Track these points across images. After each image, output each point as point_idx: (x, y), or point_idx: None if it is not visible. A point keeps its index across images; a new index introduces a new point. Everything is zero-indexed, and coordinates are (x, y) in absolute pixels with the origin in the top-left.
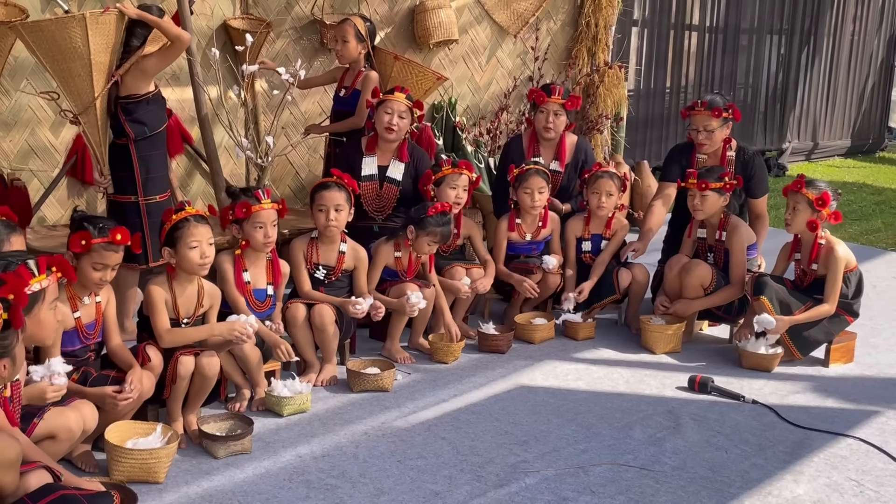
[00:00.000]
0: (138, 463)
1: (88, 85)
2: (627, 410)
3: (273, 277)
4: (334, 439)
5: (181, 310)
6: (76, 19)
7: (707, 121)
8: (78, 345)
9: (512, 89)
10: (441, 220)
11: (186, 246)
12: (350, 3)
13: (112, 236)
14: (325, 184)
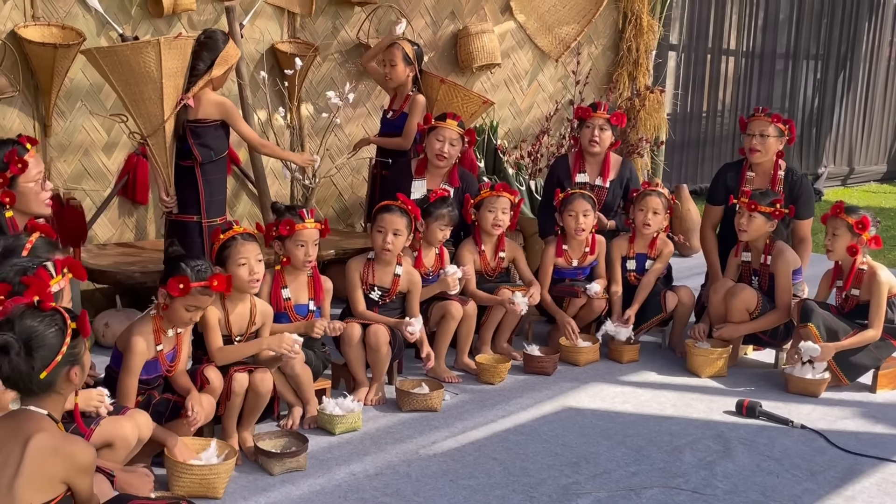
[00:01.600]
0: (198, 478)
1: (158, 108)
2: (676, 434)
3: (314, 293)
4: (386, 458)
5: (234, 328)
6: (151, 44)
7: (764, 126)
8: (154, 373)
9: (553, 113)
10: (442, 203)
11: (235, 264)
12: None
13: (210, 282)
14: (389, 207)
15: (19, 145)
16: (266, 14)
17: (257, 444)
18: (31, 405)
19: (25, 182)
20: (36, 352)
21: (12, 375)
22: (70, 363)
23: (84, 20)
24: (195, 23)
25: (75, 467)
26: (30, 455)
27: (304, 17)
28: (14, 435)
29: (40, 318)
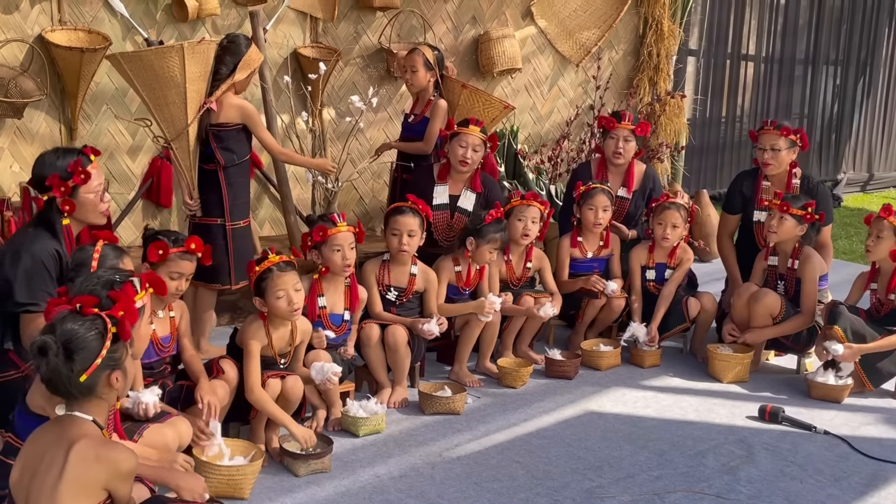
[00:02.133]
0: (225, 478)
1: (182, 112)
2: (699, 438)
3: (350, 303)
4: (410, 460)
5: (276, 348)
6: (175, 49)
7: (774, 139)
8: (154, 357)
9: (574, 118)
10: (498, 226)
11: (273, 296)
12: (416, 32)
13: (187, 245)
14: (401, 209)
15: (83, 156)
16: (289, 19)
17: (283, 446)
18: (76, 411)
19: (86, 192)
20: (76, 354)
21: (52, 377)
22: (111, 367)
23: (110, 25)
24: (219, 27)
25: (117, 474)
26: (72, 461)
27: (326, 21)
28: (58, 440)
29: (81, 322)
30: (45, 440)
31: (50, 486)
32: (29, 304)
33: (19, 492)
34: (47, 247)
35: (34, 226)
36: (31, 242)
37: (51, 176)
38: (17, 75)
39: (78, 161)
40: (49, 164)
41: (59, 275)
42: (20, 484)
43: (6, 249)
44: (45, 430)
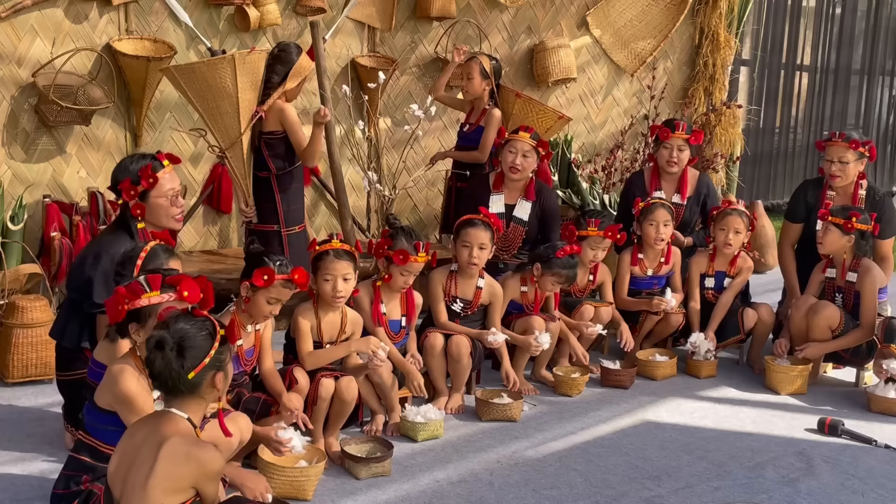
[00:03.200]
0: (289, 480)
1: (235, 121)
2: (758, 450)
3: (407, 309)
4: (468, 466)
5: (325, 335)
6: (226, 60)
7: (842, 152)
8: (237, 370)
9: (628, 127)
10: (568, 262)
11: (322, 278)
12: (472, 42)
13: (291, 275)
14: (472, 221)
15: (156, 161)
16: (347, 29)
17: (344, 449)
18: (173, 408)
19: (156, 197)
20: (187, 352)
21: (163, 372)
22: (216, 368)
23: (175, 34)
24: (279, 37)
25: (205, 473)
26: (163, 458)
27: (383, 31)
28: (153, 434)
29: (192, 322)
30: (140, 434)
31: (142, 480)
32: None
33: (116, 482)
34: (126, 249)
35: (114, 228)
36: (111, 244)
37: (123, 180)
38: (85, 83)
39: (148, 166)
40: (123, 169)
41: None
42: (117, 475)
43: (88, 250)
44: (142, 424)
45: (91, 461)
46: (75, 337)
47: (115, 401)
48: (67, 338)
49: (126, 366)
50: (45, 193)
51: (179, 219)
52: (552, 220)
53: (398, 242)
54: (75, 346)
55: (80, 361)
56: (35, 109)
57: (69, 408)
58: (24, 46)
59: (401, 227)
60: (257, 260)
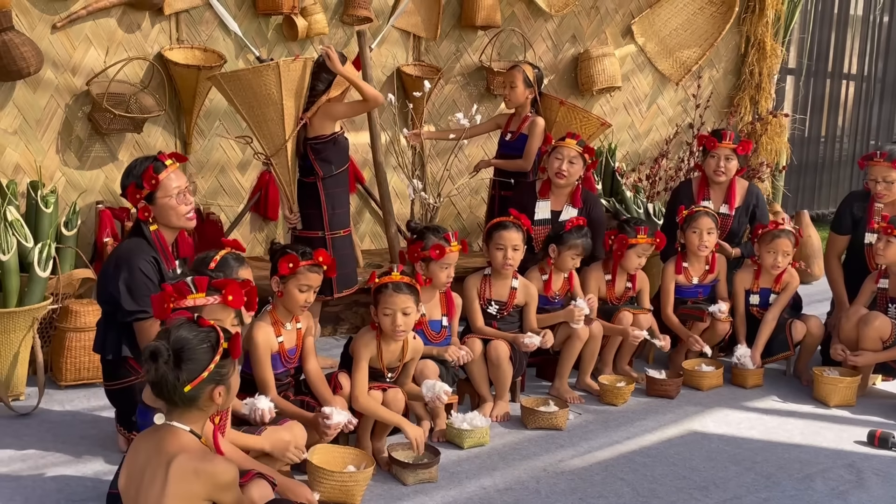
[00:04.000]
0: (338, 484)
1: (280, 128)
2: (806, 462)
3: (447, 309)
4: (515, 473)
5: (385, 361)
6: (271, 67)
7: (886, 172)
8: (280, 368)
9: (673, 136)
10: (580, 232)
11: (382, 312)
12: (516, 50)
13: (315, 258)
14: (504, 223)
15: (157, 162)
16: (393, 38)
17: (392, 455)
18: (174, 421)
19: (162, 197)
20: (184, 364)
21: (158, 382)
22: (216, 382)
23: (224, 43)
24: None
25: (216, 486)
26: (172, 477)
27: (429, 40)
28: (158, 453)
29: (195, 333)
30: (144, 450)
31: (154, 500)
32: (137, 312)
33: (128, 499)
34: (142, 254)
35: (131, 236)
36: (128, 252)
37: (129, 185)
38: (137, 91)
39: (149, 168)
40: (128, 174)
41: (161, 279)
42: (127, 493)
43: (109, 262)
44: (144, 439)
45: None
46: (116, 347)
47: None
48: (109, 349)
49: None
50: (98, 200)
51: (191, 217)
52: (598, 230)
53: (429, 240)
54: (117, 356)
55: (125, 370)
56: (88, 117)
57: (121, 413)
58: (78, 55)
59: (424, 227)
60: (280, 252)
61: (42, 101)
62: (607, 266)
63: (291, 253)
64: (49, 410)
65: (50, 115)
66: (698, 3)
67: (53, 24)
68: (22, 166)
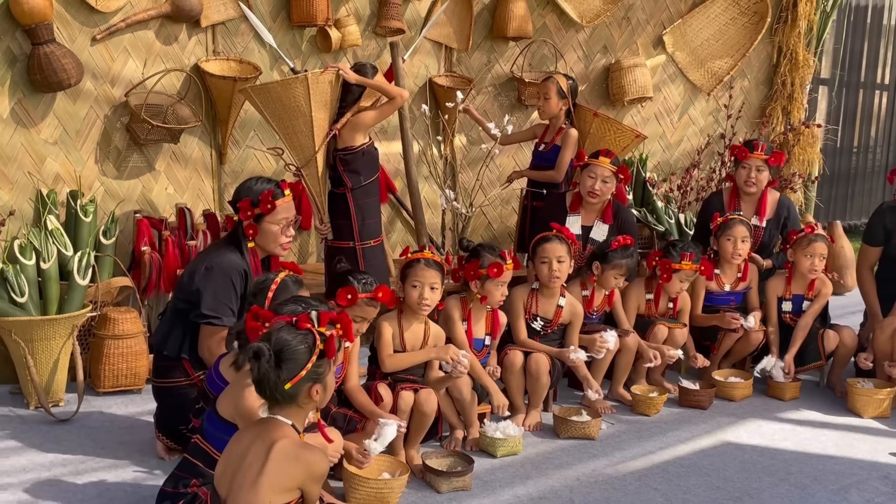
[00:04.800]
0: (374, 491)
1: (310, 139)
2: (841, 473)
3: (491, 328)
4: (548, 482)
5: (407, 345)
6: (299, 80)
7: None
8: None
9: (704, 147)
10: (625, 252)
11: (410, 284)
12: (547, 61)
13: (375, 293)
14: (547, 237)
15: (278, 188)
16: (425, 49)
17: (426, 462)
18: (277, 415)
19: (270, 222)
20: (284, 363)
21: (261, 381)
22: (313, 380)
23: (259, 55)
24: (360, 57)
25: (311, 475)
26: (273, 458)
27: (460, 51)
28: (261, 437)
29: (294, 335)
30: (247, 438)
31: (251, 479)
32: (212, 317)
33: (222, 484)
34: (236, 265)
35: (226, 243)
36: (223, 258)
37: (244, 199)
38: (174, 103)
39: (269, 192)
40: (247, 189)
41: (244, 292)
42: (223, 477)
43: (199, 261)
44: (248, 430)
45: (203, 466)
46: (177, 346)
47: (238, 413)
48: (170, 346)
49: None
50: (136, 209)
51: (286, 246)
52: None
53: (485, 259)
54: (176, 355)
55: (178, 371)
56: (127, 128)
57: (162, 415)
58: (117, 67)
59: (478, 245)
60: (342, 279)
61: (82, 111)
62: (650, 285)
63: (352, 284)
64: (88, 416)
65: (89, 126)
66: (730, 14)
67: (93, 37)
68: (62, 176)
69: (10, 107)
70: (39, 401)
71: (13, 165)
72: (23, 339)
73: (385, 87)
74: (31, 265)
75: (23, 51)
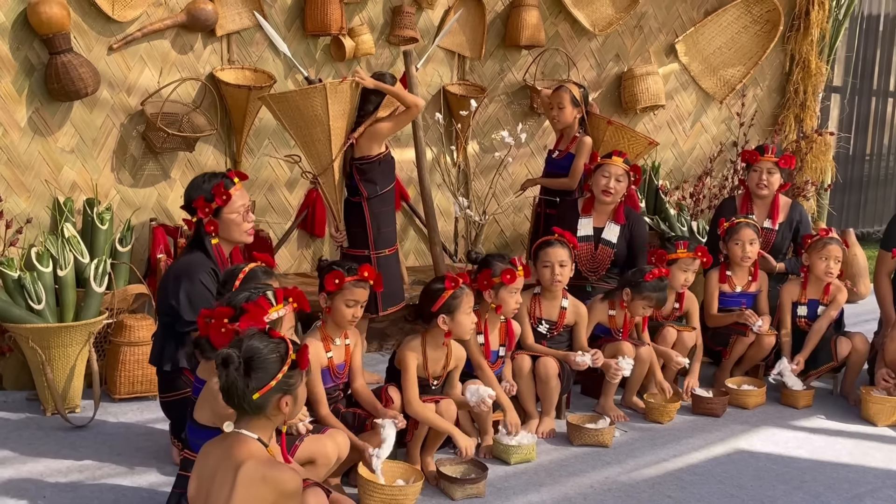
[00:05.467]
0: (388, 498)
1: (327, 148)
2: (854, 482)
3: (505, 339)
4: (562, 490)
5: (430, 370)
6: (317, 89)
7: None
8: (329, 383)
9: (716, 154)
10: (658, 285)
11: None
12: (560, 69)
13: (360, 273)
14: (549, 241)
15: (227, 179)
16: (438, 58)
17: (440, 469)
18: (243, 429)
19: (229, 213)
20: (254, 372)
21: (229, 389)
22: (283, 391)
23: (274, 64)
24: (373, 66)
25: (282, 493)
26: (240, 483)
27: (473, 60)
28: (227, 459)
29: (266, 343)
30: (213, 456)
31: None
32: (195, 323)
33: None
34: (203, 266)
35: (189, 248)
36: (188, 264)
37: (197, 198)
38: (189, 111)
39: (220, 184)
40: (197, 188)
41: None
42: (197, 499)
43: (169, 274)
44: (213, 446)
45: None
46: (173, 358)
47: (215, 416)
48: (166, 360)
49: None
50: (152, 217)
51: (251, 232)
52: (641, 247)
53: (496, 267)
54: (174, 367)
55: (182, 381)
56: (143, 136)
57: (175, 426)
58: (133, 76)
59: (488, 255)
60: (327, 269)
61: (98, 120)
62: None
63: (337, 269)
64: (104, 423)
65: (105, 135)
66: (742, 22)
67: (110, 46)
68: (78, 184)
69: (28, 115)
70: (56, 407)
71: (31, 174)
72: (40, 346)
73: (402, 95)
74: (48, 272)
75: (40, 60)
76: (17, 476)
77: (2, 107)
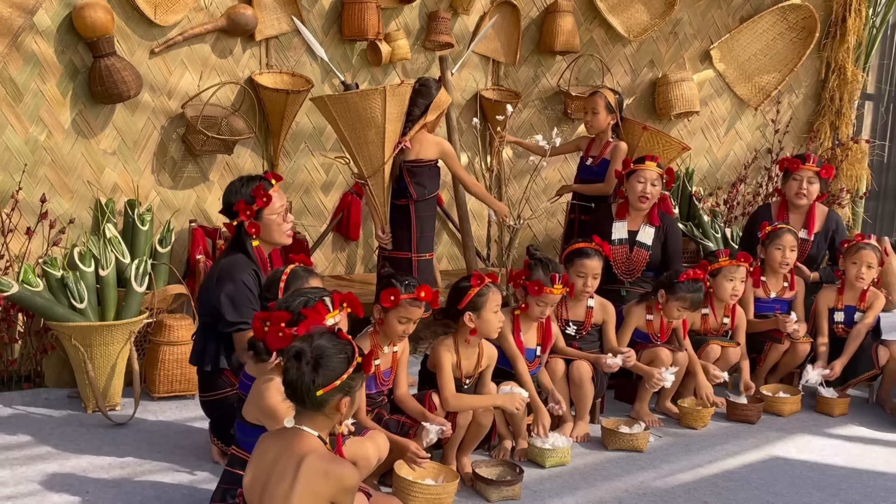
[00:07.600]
0: (427, 498)
1: (380, 150)
2: (891, 490)
3: (543, 339)
4: (597, 494)
5: (463, 369)
6: (377, 92)
7: None
8: (374, 389)
9: (751, 161)
10: (692, 286)
11: (490, 311)
12: (594, 75)
13: (417, 293)
14: (587, 252)
15: (265, 181)
16: (473, 63)
17: (476, 471)
18: (303, 425)
19: (269, 214)
20: (321, 369)
21: (295, 383)
22: (344, 392)
23: (311, 68)
24: (409, 71)
25: (342, 488)
26: (303, 475)
27: (508, 65)
28: (288, 451)
29: (335, 343)
30: (273, 450)
31: (282, 496)
32: (239, 324)
33: (252, 496)
34: (245, 268)
35: (230, 250)
36: (230, 266)
37: (237, 202)
38: (228, 115)
39: (260, 186)
40: (236, 191)
41: (261, 292)
42: (252, 489)
43: (210, 275)
44: (272, 439)
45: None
46: (215, 358)
47: (262, 414)
48: (207, 360)
49: (271, 380)
50: (191, 218)
51: (290, 234)
52: (675, 250)
53: (535, 273)
54: (215, 367)
55: (222, 381)
56: (183, 139)
57: (216, 425)
58: (174, 79)
59: (539, 259)
60: (386, 283)
61: (139, 123)
62: (703, 300)
63: (395, 286)
64: (144, 421)
65: (147, 137)
66: (778, 29)
67: (151, 50)
68: (120, 186)
69: (72, 118)
70: (97, 404)
71: (73, 175)
72: (82, 344)
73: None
74: (90, 272)
75: (84, 63)
76: (60, 471)
77: (46, 109)
